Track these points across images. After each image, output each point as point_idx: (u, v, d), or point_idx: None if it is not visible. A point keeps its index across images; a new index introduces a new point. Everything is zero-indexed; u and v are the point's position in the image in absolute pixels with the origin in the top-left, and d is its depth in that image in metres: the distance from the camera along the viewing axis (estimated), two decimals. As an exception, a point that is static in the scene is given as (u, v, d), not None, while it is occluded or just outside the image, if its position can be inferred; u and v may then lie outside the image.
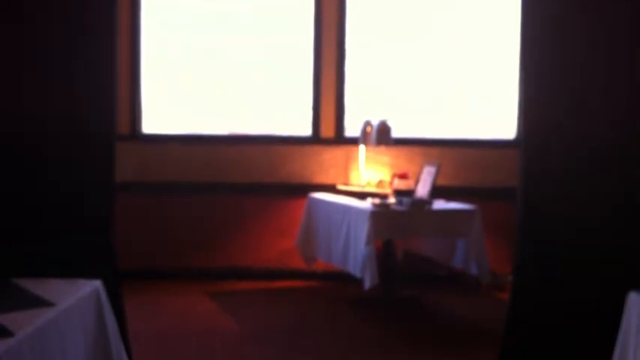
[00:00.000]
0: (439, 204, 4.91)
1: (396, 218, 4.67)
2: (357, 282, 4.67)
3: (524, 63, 3.30)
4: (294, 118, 5.95)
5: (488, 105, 5.94)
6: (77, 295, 2.37)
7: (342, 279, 5.41)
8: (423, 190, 4.89)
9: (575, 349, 3.13)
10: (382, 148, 5.64)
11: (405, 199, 4.74)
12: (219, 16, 5.97)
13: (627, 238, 3.14)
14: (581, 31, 3.17)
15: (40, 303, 2.22)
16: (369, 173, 5.74)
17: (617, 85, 3.16)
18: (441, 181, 5.09)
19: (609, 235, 3.15)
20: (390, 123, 5.41)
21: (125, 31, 5.73)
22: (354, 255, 4.64)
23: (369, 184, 5.61)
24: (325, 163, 5.85)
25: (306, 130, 5.93)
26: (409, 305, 5.10)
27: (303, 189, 5.69)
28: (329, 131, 5.89)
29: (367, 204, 4.76)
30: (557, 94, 3.19)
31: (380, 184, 5.54)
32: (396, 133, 5.47)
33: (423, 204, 4.73)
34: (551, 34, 3.19)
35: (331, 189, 5.60)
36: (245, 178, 5.84)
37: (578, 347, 3.12)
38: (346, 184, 5.76)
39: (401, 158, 5.79)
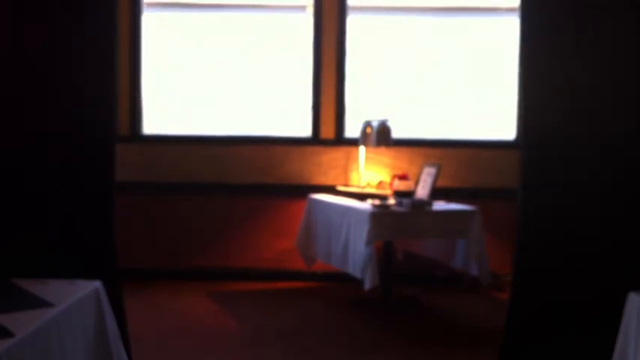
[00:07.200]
0: (439, 205, 4.91)
1: (396, 219, 4.67)
2: (357, 283, 4.67)
3: (523, 65, 3.30)
4: (294, 119, 5.96)
5: (487, 106, 5.95)
6: (77, 296, 2.37)
7: (341, 280, 5.42)
8: (423, 191, 4.89)
9: (575, 349, 3.13)
10: (382, 149, 5.64)
11: (405, 200, 4.74)
12: (220, 17, 5.98)
13: (627, 238, 3.14)
14: (579, 35, 3.17)
15: (39, 303, 2.22)
16: (369, 174, 5.74)
17: (616, 87, 3.17)
18: (441, 182, 5.10)
19: (609, 236, 3.15)
20: (390, 123, 5.41)
21: (125, 32, 5.74)
22: (354, 256, 4.64)
23: (369, 185, 5.61)
24: (325, 164, 5.85)
25: (306, 130, 5.93)
26: (409, 305, 5.10)
27: (303, 190, 5.69)
28: (329, 132, 5.89)
29: (367, 205, 4.76)
30: (556, 96, 3.19)
31: (380, 185, 5.55)
32: (396, 133, 5.47)
33: (423, 205, 4.73)
34: (550, 37, 3.19)
35: (331, 190, 5.60)
36: (245, 179, 5.85)
37: (578, 347, 3.12)
38: (346, 185, 5.76)
39: (401, 159, 5.79)
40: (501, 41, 5.89)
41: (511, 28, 5.80)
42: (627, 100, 3.17)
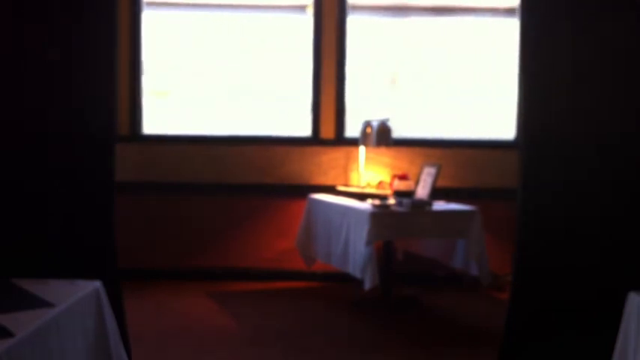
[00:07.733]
0: (439, 205, 4.91)
1: (395, 219, 4.67)
2: (357, 283, 4.67)
3: (523, 64, 3.30)
4: (294, 119, 5.96)
5: (487, 106, 5.95)
6: (77, 296, 2.37)
7: (341, 280, 5.42)
8: (422, 191, 4.89)
9: (575, 349, 3.13)
10: (382, 149, 5.64)
11: (405, 200, 4.74)
12: (220, 17, 5.98)
13: (627, 237, 3.14)
14: (578, 35, 3.17)
15: (40, 303, 2.22)
16: (369, 174, 5.74)
17: (615, 86, 3.17)
18: (441, 182, 5.10)
19: (609, 235, 3.15)
20: (390, 123, 5.41)
21: (125, 31, 5.74)
22: (354, 256, 4.63)
23: (369, 185, 5.61)
24: (325, 164, 5.85)
25: (306, 130, 5.93)
26: (409, 305, 5.10)
27: (303, 190, 5.69)
28: (329, 132, 5.89)
29: (367, 205, 4.76)
30: (556, 95, 3.19)
31: (380, 185, 5.54)
32: (396, 133, 5.47)
33: (423, 205, 4.73)
34: (549, 37, 3.19)
35: (331, 190, 5.59)
36: (245, 179, 5.85)
37: (578, 347, 3.12)
38: (346, 185, 5.76)
39: (401, 159, 5.79)
40: (501, 41, 5.89)
41: (511, 28, 5.79)
42: (627, 99, 3.17)
